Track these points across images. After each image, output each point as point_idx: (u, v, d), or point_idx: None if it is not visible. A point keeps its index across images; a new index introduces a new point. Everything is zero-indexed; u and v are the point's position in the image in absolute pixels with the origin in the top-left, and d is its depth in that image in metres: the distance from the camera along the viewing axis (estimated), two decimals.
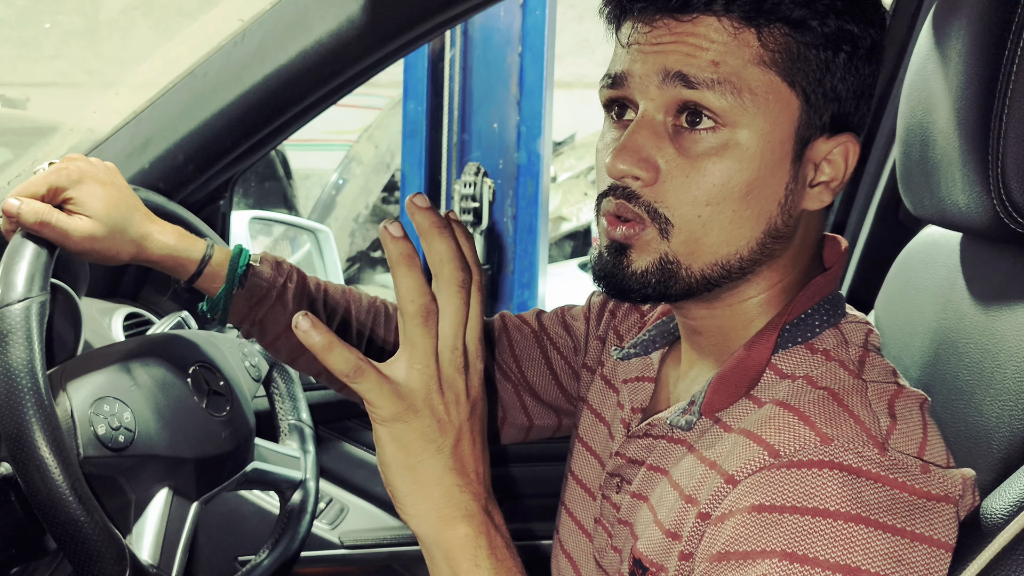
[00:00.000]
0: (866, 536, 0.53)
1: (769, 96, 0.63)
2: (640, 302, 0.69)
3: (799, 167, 0.66)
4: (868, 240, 1.50)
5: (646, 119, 0.65)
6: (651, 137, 0.64)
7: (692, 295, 0.67)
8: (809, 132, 0.65)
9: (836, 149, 0.66)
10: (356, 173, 5.16)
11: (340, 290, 0.95)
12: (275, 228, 2.67)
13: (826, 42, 0.64)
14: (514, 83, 2.88)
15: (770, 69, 0.63)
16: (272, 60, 1.14)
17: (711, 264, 0.65)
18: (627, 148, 0.64)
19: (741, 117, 0.63)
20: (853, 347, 0.67)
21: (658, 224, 0.65)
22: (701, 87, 0.62)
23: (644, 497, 0.70)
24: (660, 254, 0.65)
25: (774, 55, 0.63)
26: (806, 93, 0.64)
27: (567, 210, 5.60)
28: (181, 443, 0.89)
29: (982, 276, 0.78)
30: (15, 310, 0.75)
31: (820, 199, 0.67)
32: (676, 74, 0.63)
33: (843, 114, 0.66)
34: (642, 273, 0.66)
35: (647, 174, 0.64)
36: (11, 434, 0.73)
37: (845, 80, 0.65)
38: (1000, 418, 0.67)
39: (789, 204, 0.66)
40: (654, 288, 0.66)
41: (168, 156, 1.17)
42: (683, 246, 0.65)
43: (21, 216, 0.79)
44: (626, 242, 0.66)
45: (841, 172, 0.67)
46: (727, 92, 0.62)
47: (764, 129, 0.63)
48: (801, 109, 0.64)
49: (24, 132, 2.51)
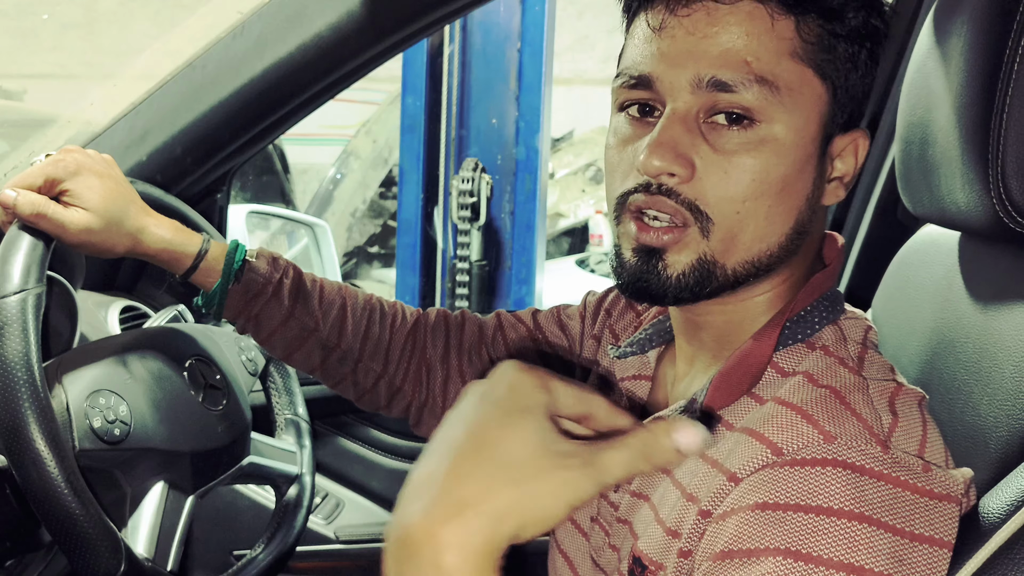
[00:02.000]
0: (869, 535, 0.53)
1: (803, 90, 0.63)
2: (671, 304, 0.67)
3: (823, 163, 0.66)
4: (866, 238, 1.50)
5: (678, 115, 0.63)
6: (686, 133, 0.62)
7: (720, 294, 0.66)
8: (832, 128, 0.66)
9: (849, 145, 0.67)
10: (354, 168, 5.15)
11: (336, 287, 0.95)
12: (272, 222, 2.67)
13: (855, 36, 0.64)
14: (513, 79, 2.88)
15: (803, 62, 0.62)
16: (271, 53, 1.14)
17: (744, 262, 0.65)
18: (663, 144, 0.62)
19: (776, 112, 0.62)
20: (852, 344, 0.67)
21: (699, 222, 0.63)
22: (737, 89, 0.61)
23: (645, 496, 0.70)
24: (700, 254, 0.64)
25: (808, 46, 0.62)
26: (835, 87, 0.64)
27: (565, 206, 5.60)
28: (177, 437, 0.89)
29: (980, 275, 0.78)
30: (11, 302, 0.75)
31: (836, 194, 0.68)
32: (711, 81, 0.61)
33: (857, 111, 0.67)
34: (679, 276, 0.64)
35: (684, 170, 0.62)
36: (6, 427, 0.73)
37: (864, 77, 0.66)
38: (997, 417, 0.67)
39: (814, 199, 0.66)
40: (690, 291, 0.65)
41: (166, 149, 1.17)
42: (721, 244, 0.64)
43: (17, 208, 0.79)
44: (661, 246, 0.64)
45: (852, 167, 0.68)
46: (763, 90, 0.61)
47: (798, 123, 0.63)
48: (828, 104, 0.64)
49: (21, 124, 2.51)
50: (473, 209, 2.81)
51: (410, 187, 2.99)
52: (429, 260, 3.04)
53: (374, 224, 5.48)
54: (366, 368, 0.94)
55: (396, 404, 0.96)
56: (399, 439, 1.51)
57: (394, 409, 0.97)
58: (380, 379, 0.94)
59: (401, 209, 3.04)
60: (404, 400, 0.96)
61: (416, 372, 0.95)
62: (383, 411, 0.98)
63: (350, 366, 0.94)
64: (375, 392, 0.95)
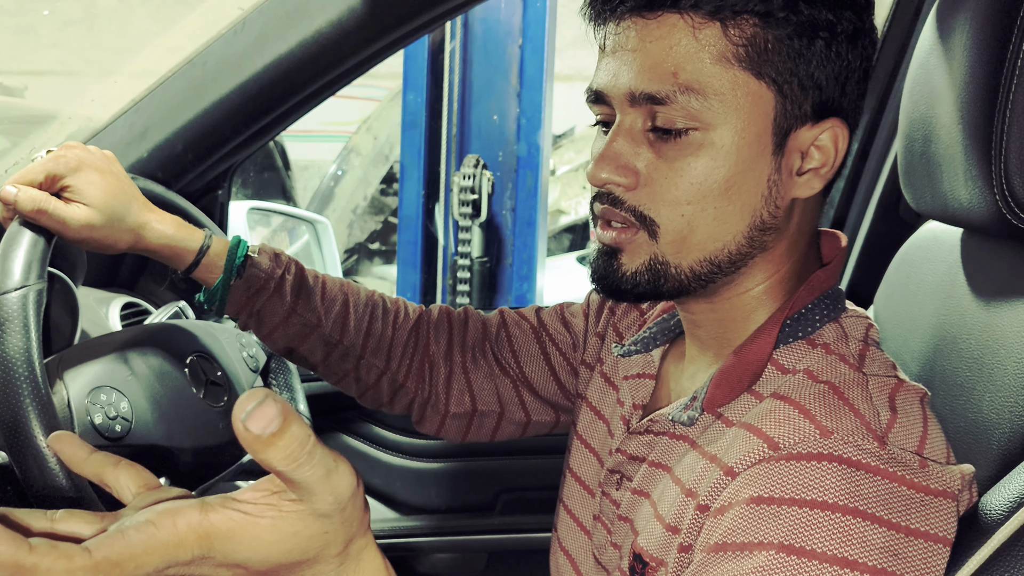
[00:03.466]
0: (863, 529, 0.53)
1: (737, 93, 0.63)
2: (634, 301, 0.70)
3: (782, 158, 0.66)
4: (868, 235, 1.50)
5: (623, 128, 0.67)
6: (629, 144, 0.66)
7: (685, 292, 0.68)
8: (789, 122, 0.65)
9: (824, 135, 0.66)
10: (355, 164, 5.15)
11: (338, 283, 0.95)
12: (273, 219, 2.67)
13: (799, 31, 0.63)
14: (514, 75, 2.88)
15: (734, 65, 0.63)
16: (271, 50, 1.14)
17: (700, 260, 0.66)
18: (606, 156, 0.66)
19: (712, 118, 0.63)
20: (853, 341, 0.67)
21: (645, 227, 0.66)
22: (667, 101, 0.63)
23: (646, 493, 0.70)
24: (650, 255, 0.67)
25: (739, 49, 0.63)
26: (778, 84, 0.64)
27: (566, 203, 5.60)
28: (178, 433, 0.89)
29: (983, 272, 0.78)
30: (12, 298, 0.75)
31: (810, 186, 0.67)
32: (643, 94, 0.64)
33: (826, 100, 0.66)
34: (633, 274, 0.67)
35: (627, 179, 0.66)
36: (7, 423, 0.73)
37: (824, 67, 0.64)
38: (1000, 414, 0.67)
39: (775, 195, 0.66)
40: (645, 288, 0.68)
41: (167, 145, 1.17)
42: (671, 245, 0.66)
43: (18, 204, 0.79)
44: (616, 246, 0.68)
45: (831, 157, 0.67)
46: (692, 98, 0.63)
47: (737, 126, 0.64)
48: (776, 101, 0.64)
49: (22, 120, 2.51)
50: (474, 206, 2.81)
51: (411, 183, 2.99)
52: (430, 257, 3.04)
53: (375, 221, 5.48)
54: (368, 364, 0.94)
55: (398, 401, 0.96)
56: (401, 436, 1.51)
57: (396, 406, 0.97)
58: (382, 376, 0.94)
59: (402, 206, 3.04)
60: (406, 397, 0.96)
61: (419, 369, 0.95)
62: (385, 408, 0.98)
63: (352, 362, 0.94)
64: (377, 389, 0.95)
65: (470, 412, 0.95)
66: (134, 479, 0.51)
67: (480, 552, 1.51)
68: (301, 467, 0.42)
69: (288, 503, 0.44)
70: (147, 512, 0.43)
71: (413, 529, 1.48)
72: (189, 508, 0.43)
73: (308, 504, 0.44)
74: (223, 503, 0.44)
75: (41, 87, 5.50)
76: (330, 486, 0.43)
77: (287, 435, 0.41)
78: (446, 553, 1.52)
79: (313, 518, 0.44)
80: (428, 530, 1.48)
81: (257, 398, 0.41)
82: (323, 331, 0.92)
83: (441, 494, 1.50)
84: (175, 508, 0.43)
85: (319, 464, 0.43)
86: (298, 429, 0.42)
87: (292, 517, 0.44)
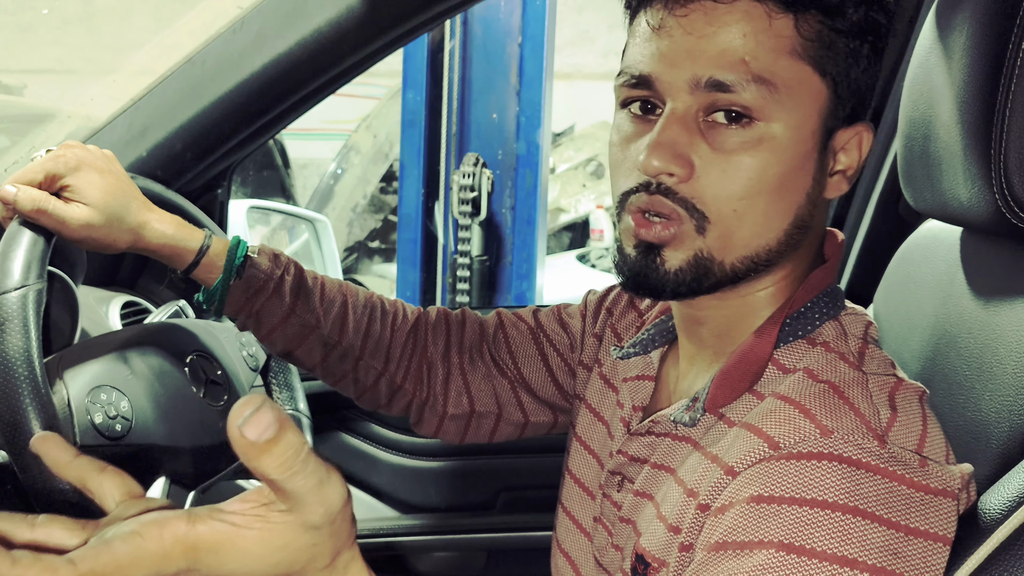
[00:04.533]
0: (863, 528, 0.53)
1: (801, 87, 0.63)
2: (670, 298, 0.69)
3: (824, 157, 0.66)
4: (868, 234, 1.49)
5: (677, 115, 0.64)
6: (684, 133, 0.63)
7: (719, 288, 0.67)
8: (834, 122, 0.66)
9: (853, 138, 0.67)
10: (354, 163, 5.15)
11: (337, 284, 0.95)
12: (273, 217, 2.67)
13: (856, 31, 0.64)
14: (514, 73, 2.88)
15: (802, 59, 0.63)
16: (271, 48, 1.14)
17: (742, 258, 0.65)
18: (662, 144, 0.63)
19: (774, 110, 0.62)
20: (853, 339, 0.67)
21: (695, 220, 0.64)
22: (735, 89, 0.62)
23: (649, 495, 0.70)
24: (695, 250, 0.65)
25: (807, 43, 0.63)
26: (835, 82, 0.64)
27: (565, 201, 5.60)
28: (178, 432, 0.89)
29: (982, 271, 0.78)
30: (11, 298, 0.75)
31: (839, 187, 0.68)
32: (708, 81, 0.62)
33: (861, 105, 0.67)
34: (676, 271, 0.65)
35: (683, 170, 0.63)
36: (7, 422, 0.73)
37: (867, 71, 0.66)
38: (999, 413, 0.67)
39: (815, 193, 0.66)
40: (688, 285, 0.66)
41: (166, 144, 1.16)
42: (717, 241, 0.65)
43: (18, 203, 0.79)
44: (659, 242, 0.65)
45: (856, 160, 0.68)
46: (761, 89, 0.62)
47: (796, 121, 0.63)
48: (829, 99, 0.64)
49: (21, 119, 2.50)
50: (474, 204, 2.81)
51: (411, 182, 2.99)
52: (430, 255, 3.04)
53: (375, 219, 5.48)
54: (367, 366, 0.94)
55: (396, 402, 0.96)
56: (400, 434, 1.51)
57: (394, 407, 0.97)
58: (381, 377, 0.94)
59: (402, 204, 3.03)
60: (405, 398, 0.96)
61: (417, 370, 0.95)
62: (383, 409, 0.98)
63: (351, 364, 0.94)
64: (375, 390, 0.95)
65: (468, 413, 0.95)
66: (118, 487, 0.50)
67: (480, 551, 1.52)
68: (295, 476, 0.42)
69: (277, 515, 0.43)
70: (133, 522, 0.43)
71: (413, 528, 1.48)
72: (176, 519, 0.43)
73: (298, 515, 0.43)
74: (210, 514, 0.44)
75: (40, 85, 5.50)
76: (321, 497, 0.43)
77: (282, 442, 0.41)
78: (446, 552, 1.52)
79: (302, 530, 0.43)
80: (428, 529, 1.48)
81: (254, 404, 0.40)
82: (322, 332, 0.92)
83: (441, 492, 1.50)
84: (162, 519, 0.43)
85: (312, 474, 0.42)
86: (293, 437, 0.41)
87: (281, 529, 0.43)
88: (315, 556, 0.44)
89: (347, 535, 0.46)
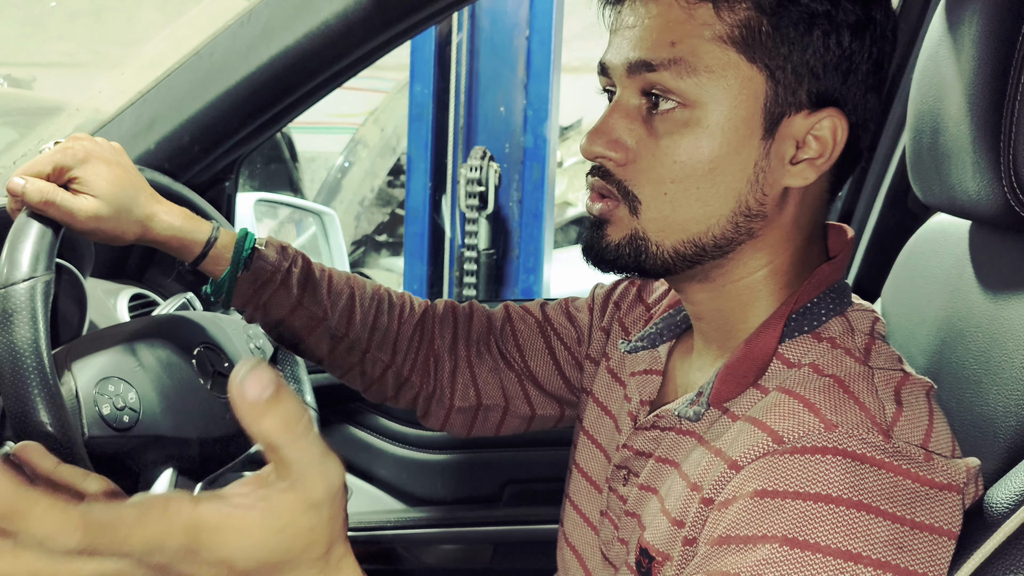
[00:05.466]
0: (867, 523, 0.53)
1: (727, 73, 0.64)
2: (619, 272, 0.71)
3: (771, 143, 0.65)
4: (876, 227, 1.49)
5: (620, 103, 0.68)
6: (623, 119, 0.67)
7: (671, 271, 0.69)
8: (781, 108, 0.65)
9: (822, 123, 0.65)
10: (362, 156, 5.15)
11: (344, 277, 0.95)
12: (280, 210, 2.67)
13: (797, 19, 0.63)
14: (521, 67, 2.87)
15: (729, 46, 0.64)
16: (278, 41, 1.14)
17: (683, 241, 0.67)
18: (599, 130, 0.68)
19: (701, 96, 0.64)
20: (859, 335, 0.67)
21: (628, 202, 0.67)
22: (659, 69, 0.65)
23: (653, 489, 0.70)
24: (631, 230, 0.68)
25: (732, 31, 0.63)
26: (770, 69, 0.64)
27: (573, 195, 5.58)
28: (185, 424, 0.89)
29: (991, 264, 0.78)
30: (20, 289, 0.75)
31: (804, 176, 0.66)
32: (638, 61, 0.66)
33: (825, 90, 0.65)
34: (615, 246, 0.69)
35: (617, 154, 0.67)
36: (16, 413, 0.73)
37: (822, 56, 0.64)
38: (1007, 408, 0.67)
39: (762, 182, 0.66)
40: (628, 261, 0.69)
41: (174, 137, 1.17)
42: (652, 223, 0.67)
43: (26, 195, 0.79)
44: (603, 217, 0.69)
45: (829, 148, 0.65)
46: (684, 71, 0.64)
47: (725, 107, 0.64)
48: (768, 85, 0.64)
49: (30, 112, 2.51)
50: (481, 198, 2.81)
51: (418, 175, 2.99)
52: (437, 249, 3.04)
53: (382, 212, 5.48)
54: (374, 358, 0.94)
55: (403, 395, 0.97)
56: (407, 427, 1.52)
57: (401, 400, 0.97)
58: (388, 369, 0.95)
59: (409, 197, 3.03)
60: (411, 391, 0.96)
61: (424, 363, 0.95)
62: (390, 402, 0.98)
63: (358, 356, 0.94)
64: (382, 382, 0.96)
65: (475, 406, 0.95)
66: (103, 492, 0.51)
67: (486, 543, 1.52)
68: (298, 440, 0.42)
69: (279, 494, 0.43)
70: (137, 496, 0.43)
71: (419, 520, 1.48)
72: (179, 498, 0.43)
73: (300, 491, 0.43)
74: (213, 497, 0.44)
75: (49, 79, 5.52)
76: (323, 470, 0.43)
77: (283, 403, 0.41)
78: (452, 544, 1.52)
79: (303, 509, 0.43)
80: (434, 521, 1.48)
81: (252, 363, 0.41)
82: (329, 324, 0.92)
83: (447, 485, 1.50)
84: (166, 496, 0.43)
85: (314, 442, 0.43)
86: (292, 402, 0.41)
87: (283, 508, 0.43)
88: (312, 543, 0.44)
89: (341, 525, 0.46)
